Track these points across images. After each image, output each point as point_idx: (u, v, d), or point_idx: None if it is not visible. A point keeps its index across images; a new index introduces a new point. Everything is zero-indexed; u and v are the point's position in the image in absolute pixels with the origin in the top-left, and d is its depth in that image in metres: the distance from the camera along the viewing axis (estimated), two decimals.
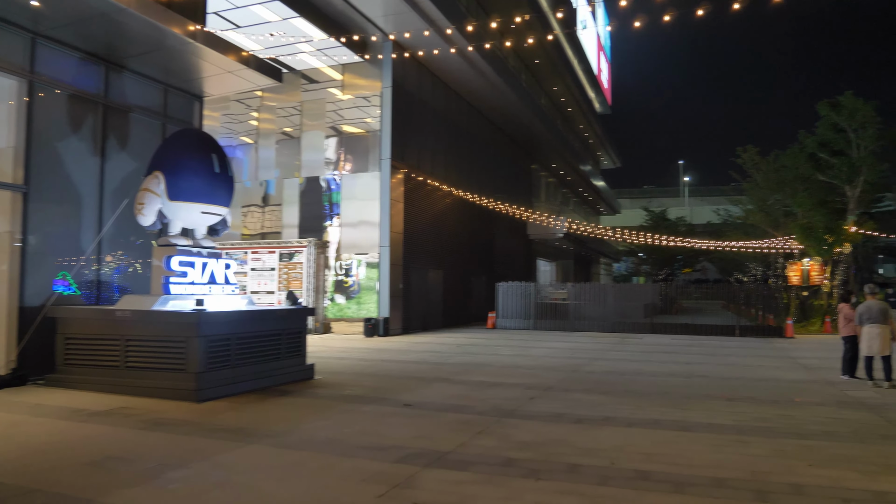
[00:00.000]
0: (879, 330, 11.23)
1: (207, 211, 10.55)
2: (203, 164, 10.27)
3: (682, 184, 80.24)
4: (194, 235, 10.95)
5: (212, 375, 9.19)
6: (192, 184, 10.17)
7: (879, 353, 11.23)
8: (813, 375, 12.77)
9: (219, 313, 9.64)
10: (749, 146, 30.31)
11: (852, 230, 24.97)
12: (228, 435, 7.20)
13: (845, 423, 8.16)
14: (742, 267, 44.09)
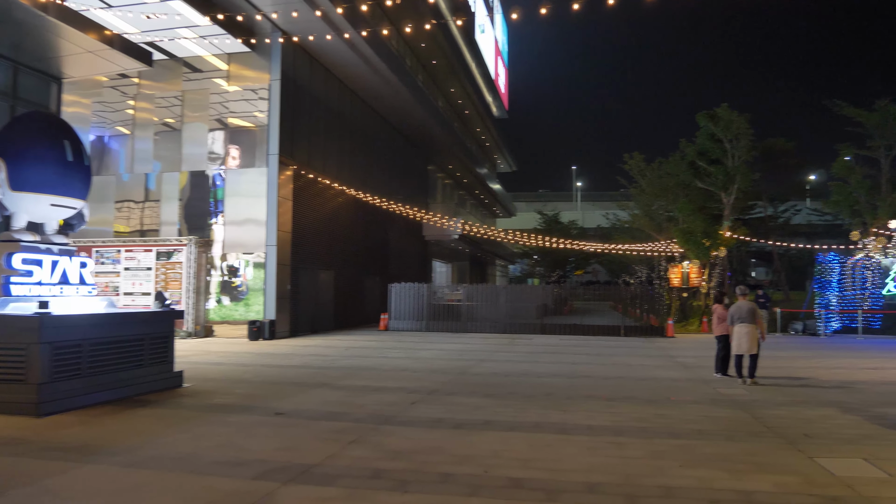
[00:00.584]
0: (748, 329, 11.71)
1: (58, 203, 9.50)
2: (53, 151, 9.24)
3: (574, 189, 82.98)
4: (44, 230, 9.85)
5: (58, 386, 8.24)
6: (40, 173, 9.12)
7: (748, 351, 11.72)
8: (689, 374, 13.19)
9: (68, 317, 8.68)
10: (636, 153, 31.56)
11: (727, 235, 26.39)
12: (66, 454, 6.39)
13: (717, 422, 8.34)
14: (629, 269, 45.88)
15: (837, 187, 29.74)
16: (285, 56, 20.43)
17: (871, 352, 17.86)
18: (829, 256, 24.37)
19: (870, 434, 7.60)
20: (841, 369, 13.94)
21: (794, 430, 7.85)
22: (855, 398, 10.15)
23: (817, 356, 16.68)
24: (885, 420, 8.40)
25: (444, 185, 44.29)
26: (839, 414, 8.84)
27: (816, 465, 6.26)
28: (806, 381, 12.21)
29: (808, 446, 6.99)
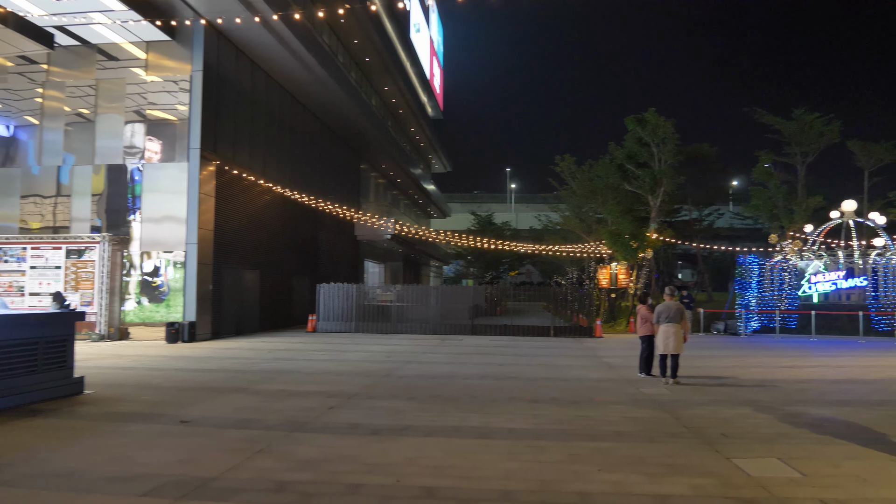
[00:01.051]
0: (674, 329, 11.82)
1: None
2: None
3: (509, 190, 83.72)
4: None
5: None
6: None
7: (673, 351, 11.83)
8: (614, 374, 13.25)
9: None
10: (567, 155, 31.91)
11: (654, 237, 26.97)
12: None
13: (638, 423, 8.29)
14: (561, 270, 46.51)
15: (757, 192, 30.88)
16: (208, 46, 19.61)
17: (787, 350, 18.48)
18: (749, 259, 25.19)
19: (784, 433, 7.69)
20: (759, 368, 14.29)
21: (712, 429, 7.87)
22: (770, 397, 10.34)
23: (737, 355, 17.12)
24: (798, 419, 8.54)
25: (378, 184, 43.78)
26: (755, 413, 8.95)
27: (733, 465, 6.23)
28: (725, 380, 12.43)
29: (725, 446, 6.99)
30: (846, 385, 11.77)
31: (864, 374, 13.21)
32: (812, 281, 24.28)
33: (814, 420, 8.45)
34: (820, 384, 11.87)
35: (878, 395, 10.52)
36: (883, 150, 30.92)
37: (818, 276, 24.21)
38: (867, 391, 11.03)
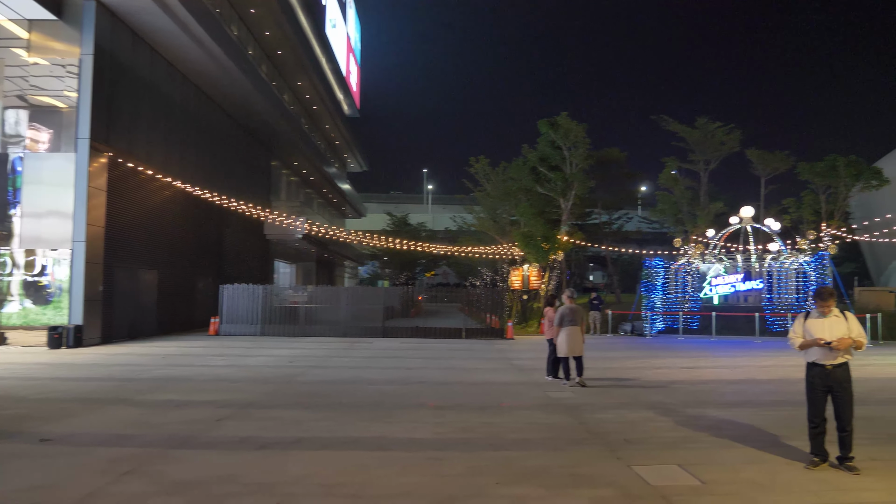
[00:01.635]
0: (574, 331, 11.81)
1: None
2: None
3: (425, 191, 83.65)
4: None
5: None
6: None
7: (572, 353, 11.82)
8: (523, 377, 13.12)
9: None
10: (481, 157, 31.92)
11: (565, 239, 27.32)
12: None
13: (542, 429, 8.09)
14: (475, 271, 46.67)
15: (663, 197, 31.91)
16: (100, 28, 18.25)
17: (689, 351, 19.00)
18: (655, 261, 25.92)
19: (685, 437, 7.66)
20: (663, 369, 14.54)
21: (616, 434, 7.75)
22: (673, 399, 10.43)
23: (643, 356, 17.43)
24: (698, 421, 8.58)
25: (290, 182, 42.54)
26: (658, 416, 8.94)
27: (634, 474, 6.07)
28: (631, 381, 12.52)
29: (628, 453, 6.86)
30: (744, 385, 12.07)
31: (759, 374, 13.65)
32: (713, 283, 25.21)
33: (713, 423, 8.50)
34: (719, 385, 12.13)
35: (772, 396, 10.80)
36: (778, 160, 32.61)
37: (719, 279, 25.16)
38: (763, 391, 11.33)
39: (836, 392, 6.24)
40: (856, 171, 28.37)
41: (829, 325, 6.29)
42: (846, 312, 6.40)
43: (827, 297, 6.35)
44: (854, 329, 6.25)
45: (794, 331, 6.55)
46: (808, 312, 6.56)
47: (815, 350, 6.31)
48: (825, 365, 6.25)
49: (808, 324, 6.43)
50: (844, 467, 6.19)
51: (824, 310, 6.34)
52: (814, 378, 6.34)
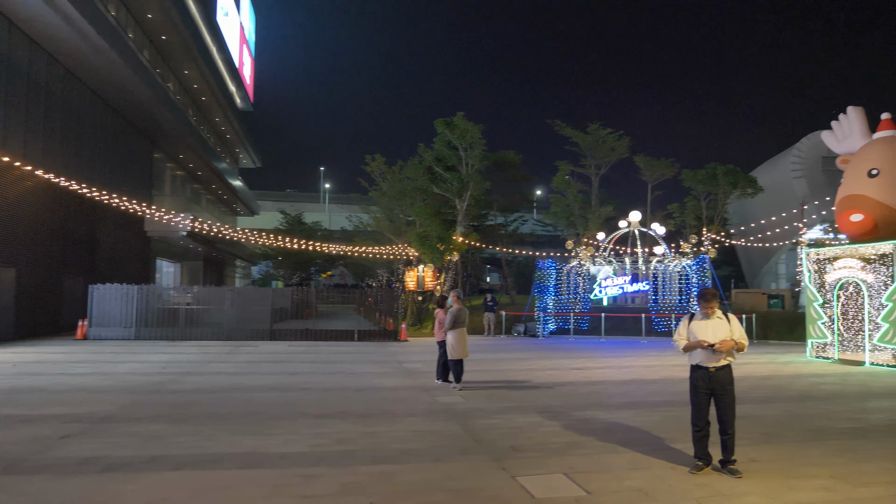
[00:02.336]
0: (462, 334, 11.56)
1: None
2: None
3: (322, 190, 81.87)
4: None
5: None
6: None
7: (461, 355, 11.54)
8: (413, 381, 12.68)
9: None
10: (378, 155, 31.29)
11: (460, 240, 27.21)
12: None
13: (428, 438, 7.65)
14: (372, 272, 45.97)
15: (556, 200, 32.50)
16: None
17: (579, 352, 19.24)
18: (548, 263, 26.26)
19: (573, 442, 7.45)
20: (553, 370, 14.52)
21: (503, 442, 7.44)
22: (562, 401, 10.30)
23: (535, 357, 17.45)
24: (587, 425, 8.43)
25: (175, 176, 40.21)
26: (546, 420, 8.73)
27: (518, 486, 5.74)
28: (522, 383, 12.35)
29: (514, 462, 6.53)
30: (631, 386, 12.17)
31: (646, 375, 13.87)
32: (603, 285, 25.84)
33: (601, 426, 8.38)
34: (608, 386, 12.17)
35: (658, 396, 10.90)
36: (664, 166, 34.07)
37: (608, 281, 25.82)
38: (649, 392, 11.44)
39: (718, 395, 6.18)
40: (733, 180, 30.02)
41: (713, 327, 6.22)
42: (728, 314, 6.36)
43: (710, 298, 6.28)
44: (736, 331, 6.22)
45: (679, 333, 6.46)
46: (693, 315, 6.49)
47: (699, 352, 6.22)
48: (708, 367, 6.17)
49: (693, 326, 6.34)
50: (727, 471, 6.13)
51: (708, 311, 6.28)
52: (697, 381, 6.25)
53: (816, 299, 17.08)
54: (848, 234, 16.48)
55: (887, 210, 15.37)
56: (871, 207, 15.56)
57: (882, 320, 15.04)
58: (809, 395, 11.08)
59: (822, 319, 16.84)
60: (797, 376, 13.68)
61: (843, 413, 9.41)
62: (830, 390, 11.72)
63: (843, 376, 13.64)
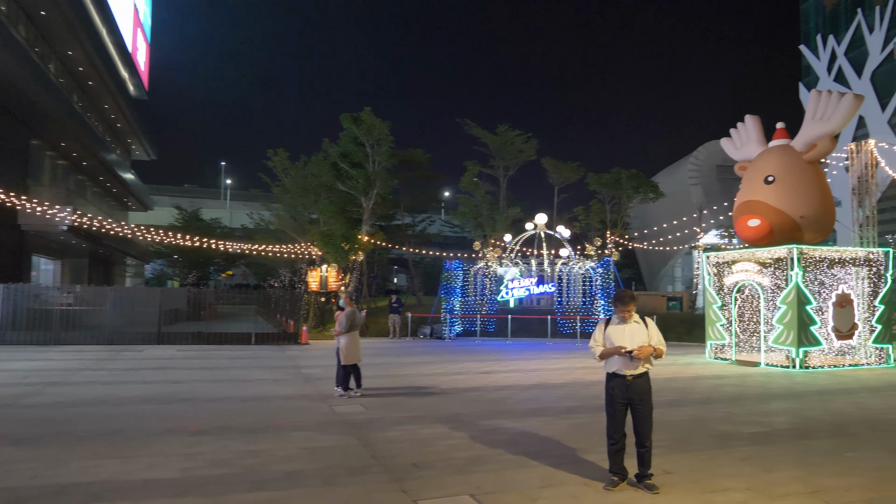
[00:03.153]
0: (354, 338, 10.88)
1: None
2: None
3: (223, 186, 78.48)
4: None
5: None
6: None
7: (355, 360, 10.87)
8: (310, 388, 11.79)
9: None
10: (280, 150, 29.88)
11: (366, 239, 26.33)
12: None
13: (320, 456, 6.85)
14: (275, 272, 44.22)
15: (464, 200, 32.19)
16: None
17: (486, 354, 18.84)
18: (455, 264, 25.82)
19: (480, 456, 6.86)
20: (460, 375, 13.98)
21: (405, 458, 6.76)
22: (469, 409, 9.74)
23: (441, 361, 16.87)
24: (495, 435, 7.88)
25: (57, 166, 37.05)
26: (452, 431, 8.12)
27: None
28: (427, 390, 11.72)
29: (415, 483, 5.86)
30: (538, 391, 11.78)
31: (553, 378, 13.56)
32: (509, 287, 25.68)
33: (510, 436, 7.85)
34: (515, 391, 11.73)
35: (567, 402, 10.53)
36: (570, 169, 34.48)
37: (515, 283, 25.68)
38: (557, 396, 11.07)
39: (636, 405, 5.74)
40: (637, 184, 30.69)
41: (630, 332, 5.79)
42: (646, 319, 5.96)
43: (628, 301, 5.84)
44: (654, 336, 5.81)
45: (595, 339, 5.99)
46: (609, 319, 6.03)
47: (616, 359, 5.77)
48: (626, 375, 5.73)
49: (609, 331, 5.89)
50: (644, 486, 5.69)
51: (625, 315, 5.83)
52: (614, 390, 5.79)
53: (715, 301, 17.42)
54: (745, 239, 16.87)
55: (782, 216, 15.80)
56: (768, 213, 15.95)
57: (777, 322, 15.44)
58: (712, 398, 11.04)
59: (721, 321, 17.19)
60: (698, 378, 13.77)
61: (745, 417, 9.32)
62: (731, 392, 11.76)
63: (742, 377, 13.84)
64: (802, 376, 14.07)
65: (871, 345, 16.00)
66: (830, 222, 16.50)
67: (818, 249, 15.90)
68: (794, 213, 15.78)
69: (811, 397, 11.26)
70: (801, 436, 8.08)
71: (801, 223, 15.74)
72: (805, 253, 15.49)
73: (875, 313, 16.09)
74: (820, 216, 16.03)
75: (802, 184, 16.06)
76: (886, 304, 16.21)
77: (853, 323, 15.99)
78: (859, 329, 16.07)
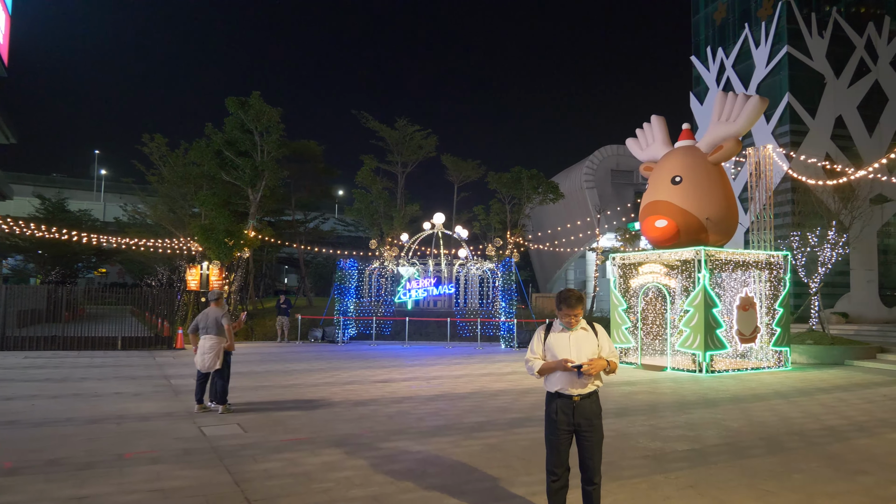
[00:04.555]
0: (214, 342, 9.33)
1: None
2: None
3: (96, 175, 72.26)
4: None
5: None
6: None
7: (210, 368, 9.31)
8: (176, 404, 10.01)
9: None
10: (157, 135, 27.08)
11: (252, 235, 24.21)
12: None
13: (174, 501, 5.26)
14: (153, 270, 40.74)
15: (360, 196, 30.64)
16: None
17: (382, 360, 17.47)
18: (349, 263, 24.26)
19: (382, 496, 5.52)
20: (354, 384, 12.55)
21: (285, 500, 5.31)
22: (365, 427, 8.37)
23: (333, 368, 15.34)
24: (397, 463, 6.56)
25: None
26: (346, 459, 6.73)
27: None
28: (316, 403, 10.22)
29: None
30: (441, 402, 10.56)
31: (456, 387, 12.41)
32: (407, 288, 24.41)
33: (416, 464, 6.55)
34: (416, 403, 10.45)
35: (475, 416, 9.37)
36: (470, 168, 33.66)
37: (412, 284, 24.44)
38: (462, 410, 9.88)
39: (583, 431, 4.56)
40: (536, 184, 30.26)
41: (577, 341, 4.63)
42: (595, 325, 4.81)
43: (574, 302, 4.65)
44: (605, 346, 4.68)
45: (533, 350, 4.78)
46: (550, 325, 4.85)
47: (560, 376, 4.59)
48: (572, 395, 4.56)
49: (551, 340, 4.71)
50: None
51: (571, 320, 4.66)
52: (557, 413, 4.60)
53: (621, 304, 16.93)
54: (651, 240, 16.48)
55: (689, 217, 15.49)
56: (675, 214, 15.60)
57: (683, 325, 15.06)
58: (629, 408, 10.21)
59: (627, 324, 16.71)
60: (607, 385, 13.00)
61: (671, 430, 8.51)
62: (646, 401, 11.04)
63: (652, 383, 13.25)
64: (710, 381, 13.68)
65: (771, 348, 15.98)
66: (733, 225, 16.40)
67: (724, 252, 15.71)
68: (700, 214, 15.52)
69: (727, 405, 10.70)
70: (738, 453, 7.30)
71: (707, 225, 15.49)
72: (711, 255, 15.23)
73: (775, 316, 16.10)
74: (724, 218, 15.87)
75: (708, 185, 15.84)
76: (785, 307, 16.28)
77: (755, 326, 15.91)
78: (761, 332, 16.02)
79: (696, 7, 38.89)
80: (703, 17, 38.29)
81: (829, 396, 11.84)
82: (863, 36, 32.93)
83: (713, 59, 36.58)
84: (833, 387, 13.10)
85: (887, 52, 33.23)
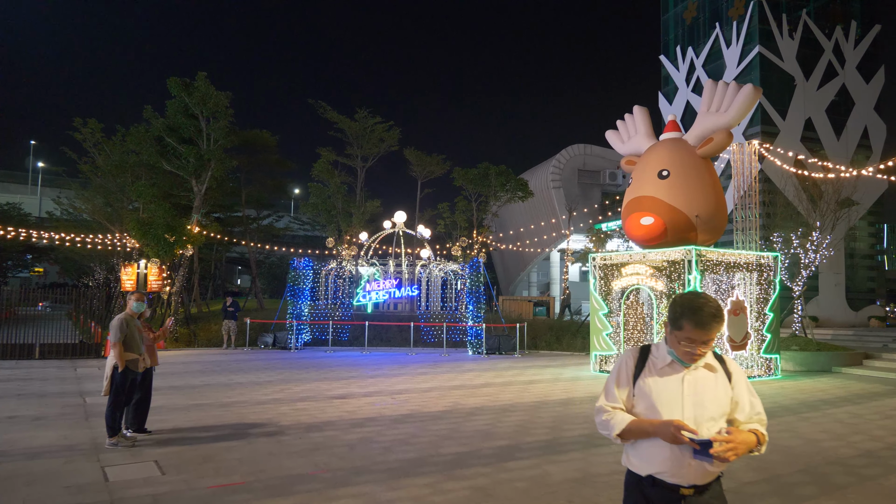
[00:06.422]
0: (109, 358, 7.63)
1: None
2: None
3: (31, 168, 68.24)
4: None
5: None
6: None
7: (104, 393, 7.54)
8: (83, 432, 8.12)
9: None
10: (92, 120, 24.68)
11: (196, 231, 22.11)
12: None
13: None
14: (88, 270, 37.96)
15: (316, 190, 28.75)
16: None
17: (340, 370, 15.68)
18: (304, 263, 22.37)
19: None
20: (307, 401, 10.78)
21: None
22: (319, 461, 6.69)
23: (283, 379, 13.52)
24: None
25: None
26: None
27: None
28: (259, 428, 8.46)
29: None
30: (411, 426, 8.90)
31: (425, 404, 10.76)
32: (367, 290, 22.64)
33: None
34: (381, 427, 8.76)
35: (451, 444, 7.74)
36: (434, 163, 32.02)
37: (373, 285, 22.68)
38: (437, 436, 8.23)
39: None
40: (505, 181, 28.81)
41: (695, 388, 2.67)
42: (727, 359, 2.78)
43: (710, 321, 2.55)
44: (745, 401, 2.72)
45: (610, 393, 2.79)
46: (646, 351, 2.80)
47: (661, 450, 2.63)
48: (679, 487, 2.63)
49: (649, 383, 2.71)
50: None
51: (696, 351, 2.62)
52: None
53: (602, 308, 15.52)
54: (636, 238, 15.13)
55: (678, 214, 14.18)
56: (662, 210, 14.27)
57: None
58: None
59: (608, 330, 15.31)
60: (594, 398, 11.57)
61: None
62: None
63: None
64: None
65: (761, 355, 14.79)
66: (723, 223, 15.16)
67: (715, 252, 14.46)
68: (689, 211, 14.22)
69: None
70: (785, 494, 5.85)
71: (697, 222, 14.20)
72: (702, 255, 13.94)
73: (765, 322, 14.92)
74: (713, 216, 14.60)
75: (697, 180, 14.56)
76: (775, 311, 15.12)
77: (746, 332, 14.69)
78: (751, 338, 14.81)
79: (665, 6, 38.15)
80: (673, 16, 37.55)
81: (839, 411, 10.63)
82: (831, 39, 32.58)
83: (683, 59, 35.84)
84: (837, 398, 11.94)
85: (854, 56, 32.96)
